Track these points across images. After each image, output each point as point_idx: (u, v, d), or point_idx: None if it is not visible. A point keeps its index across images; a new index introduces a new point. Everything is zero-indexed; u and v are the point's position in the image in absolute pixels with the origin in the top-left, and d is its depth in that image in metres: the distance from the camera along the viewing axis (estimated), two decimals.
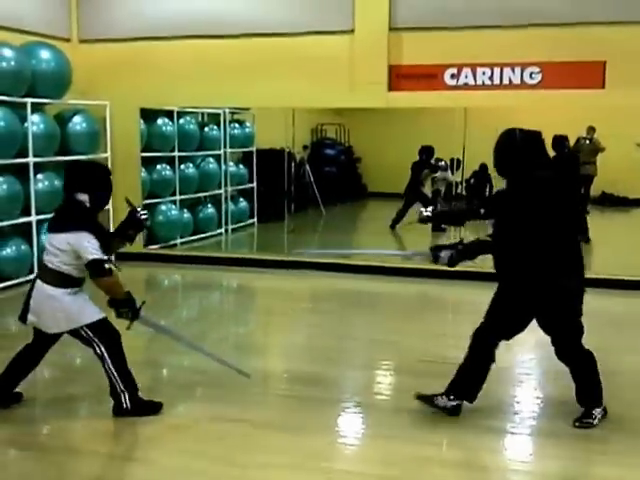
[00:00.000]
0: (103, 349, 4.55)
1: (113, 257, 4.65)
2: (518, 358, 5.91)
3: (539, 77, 8.44)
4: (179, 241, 10.66)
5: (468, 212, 4.93)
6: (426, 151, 12.02)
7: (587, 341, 4.31)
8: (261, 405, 4.96)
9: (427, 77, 8.76)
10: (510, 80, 8.53)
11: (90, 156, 9.51)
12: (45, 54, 8.84)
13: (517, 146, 4.38)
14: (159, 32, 9.63)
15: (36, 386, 5.28)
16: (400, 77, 8.87)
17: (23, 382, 4.83)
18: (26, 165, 8.38)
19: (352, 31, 8.97)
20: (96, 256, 4.37)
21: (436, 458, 4.20)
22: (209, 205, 11.56)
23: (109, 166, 9.67)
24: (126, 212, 4.81)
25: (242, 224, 12.23)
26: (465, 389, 4.60)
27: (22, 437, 4.51)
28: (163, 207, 10.48)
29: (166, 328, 5.39)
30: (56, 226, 4.58)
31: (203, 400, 5.12)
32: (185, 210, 10.96)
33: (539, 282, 4.34)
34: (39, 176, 8.59)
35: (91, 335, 4.54)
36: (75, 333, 4.58)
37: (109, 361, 4.57)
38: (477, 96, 8.60)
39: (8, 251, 8.17)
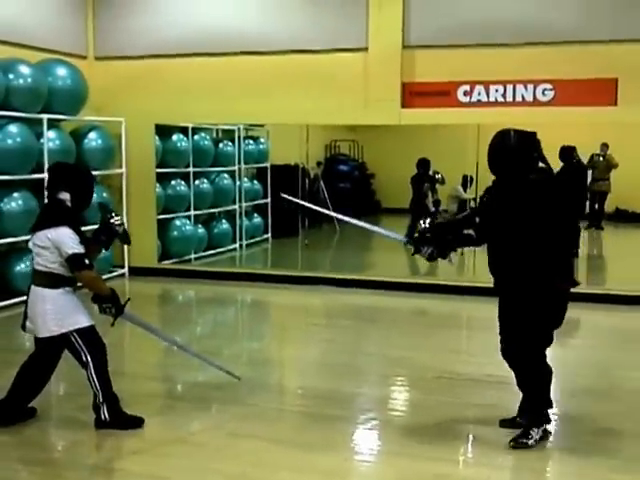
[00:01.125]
0: (89, 358, 4.52)
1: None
2: None
3: (551, 94, 8.46)
4: (193, 256, 10.72)
5: (459, 227, 4.67)
6: (423, 164, 11.77)
7: (601, 358, 4.28)
8: (276, 421, 4.95)
9: (440, 94, 8.79)
10: (523, 97, 8.56)
11: (105, 172, 9.63)
12: (61, 71, 8.96)
13: (510, 146, 4.33)
14: (174, 49, 9.73)
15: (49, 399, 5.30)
16: (413, 94, 8.92)
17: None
18: (42, 181, 8.46)
19: (366, 49, 9.04)
20: (76, 250, 4.38)
21: (453, 475, 4.18)
22: (223, 220, 11.62)
23: (124, 181, 9.86)
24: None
25: (256, 239, 12.29)
26: (542, 408, 4.50)
27: (33, 453, 4.50)
28: (178, 222, 10.55)
29: (151, 326, 5.31)
30: (37, 224, 4.61)
31: (218, 416, 5.12)
32: (199, 225, 11.03)
33: (529, 284, 4.29)
34: None
35: (80, 342, 4.51)
36: (64, 339, 4.52)
37: (93, 371, 4.54)
38: (490, 113, 8.62)
39: (22, 266, 8.22)
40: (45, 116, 8.52)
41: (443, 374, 5.78)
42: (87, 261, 4.42)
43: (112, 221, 4.69)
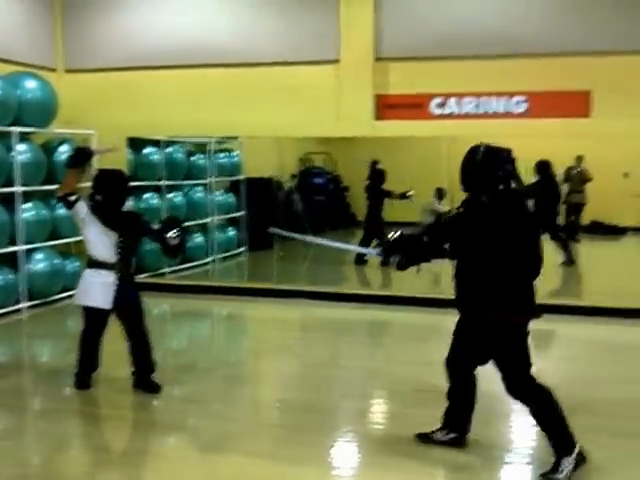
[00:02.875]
0: (82, 333, 5.59)
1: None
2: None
3: (525, 106, 8.53)
4: (167, 270, 10.60)
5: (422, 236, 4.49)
6: (379, 174, 11.46)
7: (581, 371, 4.19)
8: (255, 435, 4.89)
9: (413, 106, 8.84)
10: (496, 109, 8.61)
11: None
12: (31, 83, 8.85)
13: (474, 163, 4.20)
14: (145, 61, 9.69)
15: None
16: (386, 106, 8.94)
17: None
18: (12, 195, 8.34)
19: (337, 61, 9.06)
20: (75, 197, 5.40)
21: None
22: (197, 234, 11.52)
23: None
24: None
25: (231, 253, 12.20)
26: (456, 420, 4.53)
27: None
28: None
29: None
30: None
31: (194, 430, 5.04)
32: None
33: (480, 311, 4.18)
34: (26, 205, 8.54)
35: (85, 316, 5.54)
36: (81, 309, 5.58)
37: (80, 341, 5.61)
38: (463, 125, 8.67)
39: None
40: (15, 129, 8.39)
41: (420, 386, 5.74)
42: (72, 198, 5.35)
43: (169, 234, 5.46)
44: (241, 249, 12.47)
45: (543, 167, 11.15)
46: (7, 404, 5.59)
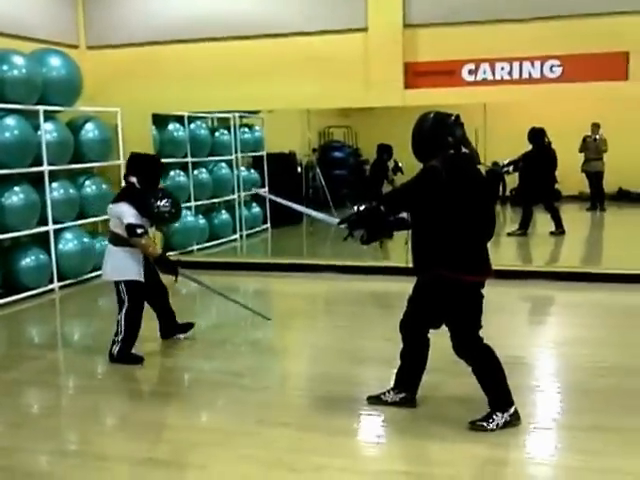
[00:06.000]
0: (127, 303, 5.68)
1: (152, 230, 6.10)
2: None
3: (559, 70, 8.32)
4: (195, 247, 10.52)
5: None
6: (386, 149, 11.32)
7: (613, 338, 4.13)
8: (300, 408, 4.86)
9: (444, 74, 8.64)
10: (530, 74, 8.41)
11: (103, 163, 9.41)
12: (55, 61, 8.72)
13: (426, 130, 4.27)
14: (167, 36, 9.52)
15: None
16: (416, 74, 8.76)
17: None
18: (41, 174, 8.25)
19: (366, 29, 8.86)
20: (131, 221, 5.54)
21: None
22: (223, 211, 11.42)
23: (123, 173, 9.64)
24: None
25: (256, 229, 12.11)
26: (407, 381, 4.65)
27: None
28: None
29: (204, 282, 6.38)
30: (113, 199, 5.87)
31: (242, 404, 4.97)
32: (200, 216, 10.82)
33: (434, 272, 4.26)
34: (54, 184, 8.46)
35: (124, 290, 5.68)
36: (116, 285, 5.73)
37: (124, 314, 5.69)
38: (496, 92, 8.49)
39: (27, 261, 8.02)
40: (41, 107, 8.29)
41: (453, 356, 5.60)
42: (139, 230, 5.54)
43: (158, 203, 5.68)
44: (265, 225, 12.38)
45: (536, 135, 10.92)
46: (44, 381, 5.60)
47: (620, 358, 5.68)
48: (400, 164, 11.41)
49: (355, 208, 4.51)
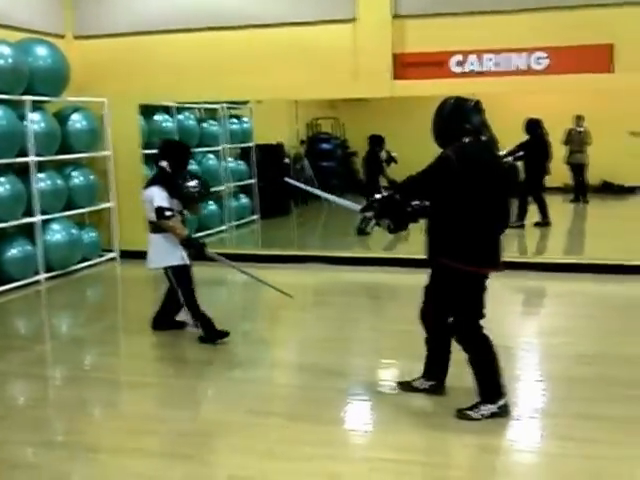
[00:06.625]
0: (179, 288, 5.87)
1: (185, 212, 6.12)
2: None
3: (546, 62, 8.34)
4: None
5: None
6: (377, 141, 11.09)
7: (596, 328, 4.17)
8: (289, 398, 4.92)
9: (432, 65, 8.64)
10: (517, 66, 8.43)
11: (91, 154, 9.37)
12: (42, 51, 8.67)
13: (444, 116, 4.27)
14: (155, 26, 9.45)
15: None
16: (405, 65, 8.75)
17: None
18: (28, 164, 8.21)
19: (354, 20, 8.85)
20: (160, 204, 5.70)
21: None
22: (211, 202, 11.40)
23: (110, 164, 9.63)
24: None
25: (244, 220, 12.10)
26: (434, 369, 4.68)
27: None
28: None
29: (230, 262, 6.47)
30: (145, 184, 6.03)
31: (233, 395, 4.99)
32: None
33: (441, 261, 4.28)
34: (41, 175, 8.42)
35: (173, 278, 5.88)
36: (165, 273, 5.94)
37: (186, 303, 5.88)
38: (483, 83, 8.49)
39: (13, 252, 8.00)
40: (28, 98, 8.24)
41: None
42: (168, 213, 5.69)
43: (186, 184, 5.88)
44: (254, 216, 12.37)
45: (533, 125, 10.97)
46: (31, 373, 5.58)
47: (604, 347, 5.75)
48: (394, 154, 11.38)
49: (376, 196, 4.54)
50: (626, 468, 3.79)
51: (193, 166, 10.43)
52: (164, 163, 5.91)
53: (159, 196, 5.74)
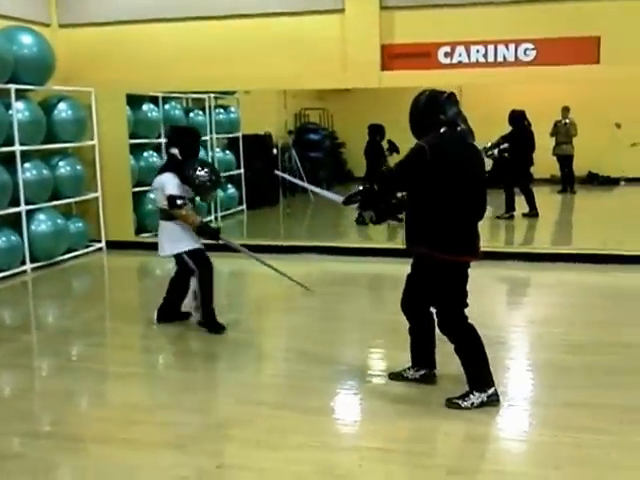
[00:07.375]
0: (198, 273, 5.84)
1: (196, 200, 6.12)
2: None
3: (533, 54, 8.36)
4: None
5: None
6: (378, 130, 10.92)
7: (584, 317, 4.19)
8: (276, 387, 4.93)
9: (420, 56, 8.64)
10: (504, 57, 8.44)
11: (77, 144, 9.31)
12: (26, 39, 8.59)
13: (420, 108, 4.29)
14: (142, 15, 9.41)
15: None
16: (393, 56, 8.75)
17: None
18: (13, 154, 8.14)
19: (343, 10, 8.82)
20: (172, 192, 5.67)
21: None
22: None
23: (96, 153, 9.57)
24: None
25: (232, 211, 12.06)
26: (422, 358, 4.71)
27: None
28: (152, 195, 10.24)
29: (245, 250, 6.47)
30: (157, 172, 6.00)
31: (222, 384, 5.01)
32: None
33: (419, 250, 4.33)
34: (26, 165, 8.35)
35: (189, 261, 5.84)
36: (178, 258, 5.92)
37: (199, 284, 5.85)
38: (471, 74, 8.51)
39: None
40: (13, 86, 8.16)
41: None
42: (179, 202, 5.66)
43: (197, 173, 5.71)
44: (241, 207, 12.34)
45: (517, 117, 11.01)
46: (17, 363, 5.54)
47: (592, 336, 5.80)
48: (396, 143, 11.27)
49: (358, 188, 4.55)
50: (615, 456, 3.81)
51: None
52: (175, 150, 5.87)
53: (171, 183, 5.69)
